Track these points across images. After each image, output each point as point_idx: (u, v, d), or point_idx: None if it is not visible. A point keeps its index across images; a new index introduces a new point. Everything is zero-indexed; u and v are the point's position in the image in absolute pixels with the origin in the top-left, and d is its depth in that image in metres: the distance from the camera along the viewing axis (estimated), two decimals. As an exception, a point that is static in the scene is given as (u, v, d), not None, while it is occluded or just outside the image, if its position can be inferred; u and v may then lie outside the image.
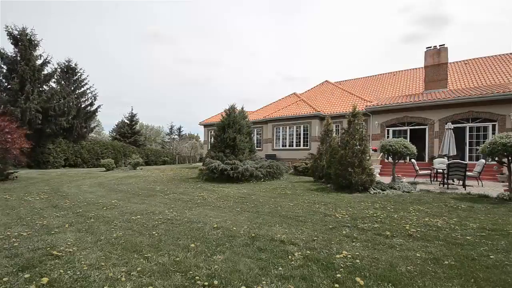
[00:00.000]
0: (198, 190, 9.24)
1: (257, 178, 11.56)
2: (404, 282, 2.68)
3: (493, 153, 7.29)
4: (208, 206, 6.48)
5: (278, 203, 6.69)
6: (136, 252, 3.47)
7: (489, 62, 18.27)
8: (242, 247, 3.65)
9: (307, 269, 2.95)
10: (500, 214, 5.49)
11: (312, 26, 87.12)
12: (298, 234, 4.22)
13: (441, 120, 13.88)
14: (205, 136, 25.31)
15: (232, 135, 12.61)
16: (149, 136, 56.16)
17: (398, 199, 7.19)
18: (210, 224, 4.78)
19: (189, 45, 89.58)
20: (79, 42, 71.78)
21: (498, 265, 3.05)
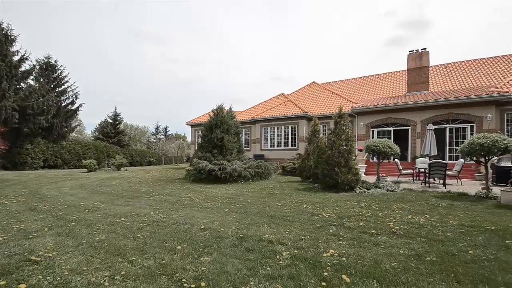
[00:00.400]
0: (185, 191, 9.10)
1: (245, 179, 11.54)
2: (388, 278, 2.75)
3: (471, 153, 7.63)
4: (195, 207, 6.39)
5: (266, 203, 6.70)
6: (120, 256, 3.36)
7: (468, 65, 19.16)
8: (230, 248, 3.62)
9: (294, 269, 2.97)
10: (478, 211, 5.75)
11: (300, 28, 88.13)
12: (286, 233, 4.24)
13: (423, 121, 14.40)
14: (192, 136, 25.00)
15: (220, 135, 12.53)
16: (133, 136, 54.82)
17: (383, 198, 7.38)
18: (198, 225, 4.71)
19: (176, 44, 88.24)
20: (59, 39, 69.05)
21: (476, 260, 3.19)
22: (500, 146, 7.08)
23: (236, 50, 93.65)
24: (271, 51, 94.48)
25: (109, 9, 71.19)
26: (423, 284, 2.62)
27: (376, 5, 78.94)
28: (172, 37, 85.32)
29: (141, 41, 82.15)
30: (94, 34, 71.98)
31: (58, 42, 67.60)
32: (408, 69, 17.64)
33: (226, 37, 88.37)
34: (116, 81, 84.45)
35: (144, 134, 59.02)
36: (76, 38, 71.49)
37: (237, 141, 13.52)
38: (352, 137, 9.28)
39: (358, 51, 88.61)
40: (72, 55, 69.39)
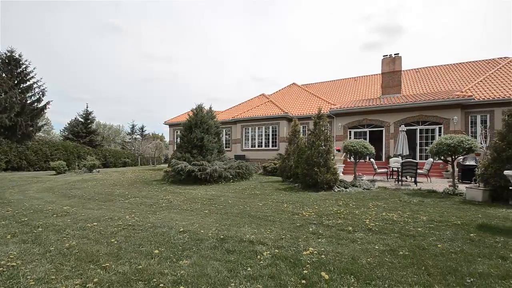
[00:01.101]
0: (163, 193, 8.83)
1: (226, 179, 11.44)
2: (365, 273, 2.84)
3: (439, 152, 8.15)
4: (174, 209, 6.21)
5: (247, 204, 6.68)
6: (92, 262, 3.18)
7: (437, 70, 20.47)
8: (210, 250, 3.56)
9: (275, 268, 2.98)
10: (446, 207, 6.14)
11: (280, 30, 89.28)
12: (267, 233, 4.25)
13: (395, 122, 15.15)
14: (171, 136, 24.32)
15: (200, 135, 12.30)
16: (107, 135, 52.35)
17: (359, 196, 7.65)
18: (176, 228, 4.58)
19: (153, 41, 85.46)
20: (24, 32, 64.20)
21: (444, 253, 3.39)
22: (465, 146, 7.63)
23: (217, 49, 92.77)
24: (251, 51, 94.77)
25: (82, 0, 67.42)
26: (397, 278, 2.74)
27: (352, 10, 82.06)
28: (149, 33, 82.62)
29: (117, 37, 78.74)
30: (64, 28, 67.88)
31: (23, 35, 62.88)
32: (382, 73, 18.50)
33: (206, 35, 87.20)
34: (89, 78, 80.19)
35: (119, 134, 56.52)
36: (44, 31, 66.95)
37: (218, 141, 13.37)
38: (331, 137, 9.54)
39: (336, 54, 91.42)
40: (40, 50, 64.94)
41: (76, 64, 75.78)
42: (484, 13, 69.56)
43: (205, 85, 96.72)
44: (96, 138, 36.64)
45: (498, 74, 15.83)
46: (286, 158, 12.22)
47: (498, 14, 70.21)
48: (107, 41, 76.75)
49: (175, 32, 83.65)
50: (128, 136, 52.83)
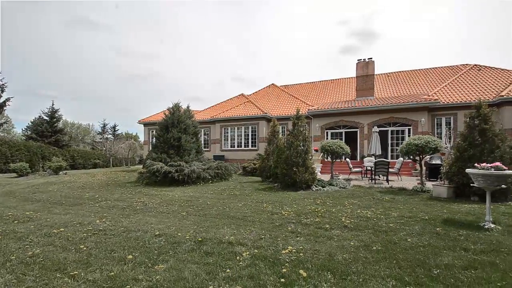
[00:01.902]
0: (138, 195, 8.47)
1: (205, 180, 11.25)
2: (341, 269, 2.92)
3: (408, 152, 8.65)
4: (149, 212, 5.98)
5: (227, 205, 6.61)
6: (59, 271, 2.96)
7: (407, 75, 21.74)
8: (187, 253, 3.46)
9: (254, 268, 2.96)
10: (415, 203, 6.52)
11: (261, 30, 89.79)
12: (246, 234, 4.23)
13: (369, 124, 15.86)
14: (146, 136, 23.42)
15: (177, 135, 11.97)
16: (75, 135, 49.29)
17: (336, 195, 7.89)
18: (152, 231, 4.41)
19: (127, 37, 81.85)
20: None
21: (413, 247, 3.59)
22: (431, 146, 8.17)
23: (195, 47, 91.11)
24: (231, 51, 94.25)
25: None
26: (371, 272, 2.85)
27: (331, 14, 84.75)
28: (123, 28, 79.07)
29: (86, 31, 74.40)
30: (32, 20, 62.90)
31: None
32: (356, 76, 19.30)
33: (184, 33, 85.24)
34: (56, 74, 75.00)
35: (88, 133, 53.38)
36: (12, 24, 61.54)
37: (196, 142, 13.10)
38: (309, 138, 9.74)
39: (315, 56, 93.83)
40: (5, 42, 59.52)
41: (42, 59, 70.57)
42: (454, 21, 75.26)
43: (183, 84, 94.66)
44: (63, 138, 34.27)
45: (460, 79, 17.16)
46: (266, 158, 12.29)
47: (466, 22, 76.24)
48: (78, 35, 72.31)
49: (152, 29, 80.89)
50: (98, 135, 50.13)
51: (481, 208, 5.64)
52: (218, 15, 77.91)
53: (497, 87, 15.06)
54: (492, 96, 14.10)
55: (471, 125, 7.22)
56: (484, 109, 7.08)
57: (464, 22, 75.82)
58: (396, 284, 2.59)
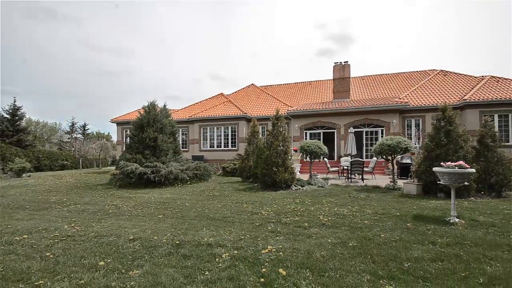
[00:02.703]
0: (110, 198, 8.06)
1: (183, 181, 10.98)
2: (319, 266, 2.98)
3: (381, 152, 9.07)
4: (123, 215, 5.71)
5: (206, 206, 6.50)
6: (22, 281, 2.73)
7: (380, 79, 22.83)
8: (164, 257, 3.34)
9: (234, 269, 2.93)
10: (387, 200, 6.85)
11: (241, 30, 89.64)
12: (226, 235, 4.17)
13: (345, 125, 16.44)
14: (119, 136, 22.37)
15: (153, 134, 11.56)
16: (40, 134, 45.86)
17: (314, 194, 8.07)
18: (126, 236, 4.20)
19: (99, 30, 77.79)
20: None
21: (386, 242, 3.75)
22: (402, 147, 8.64)
23: (173, 44, 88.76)
24: (210, 49, 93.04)
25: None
26: (347, 267, 2.94)
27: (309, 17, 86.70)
28: (92, 22, 75.04)
29: (53, 22, 69.67)
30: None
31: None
32: (333, 78, 19.91)
33: (162, 29, 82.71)
34: (17, 68, 69.39)
35: (55, 133, 49.84)
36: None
37: (173, 142, 12.74)
38: (288, 138, 9.87)
39: (294, 58, 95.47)
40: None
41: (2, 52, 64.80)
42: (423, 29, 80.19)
43: (159, 82, 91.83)
44: (27, 138, 31.64)
45: (428, 84, 18.33)
46: (246, 158, 12.27)
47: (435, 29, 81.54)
48: (43, 27, 67.43)
49: (126, 23, 77.62)
50: (67, 135, 47.07)
51: (447, 204, 6.05)
52: (198, 14, 76.63)
53: (460, 91, 16.29)
54: (456, 100, 15.23)
55: (437, 126, 7.73)
56: (449, 112, 7.62)
57: (433, 29, 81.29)
58: (370, 279, 2.69)
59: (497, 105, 14.08)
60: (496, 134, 7.88)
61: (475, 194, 7.06)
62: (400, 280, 2.65)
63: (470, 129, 13.39)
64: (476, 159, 7.47)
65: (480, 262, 3.03)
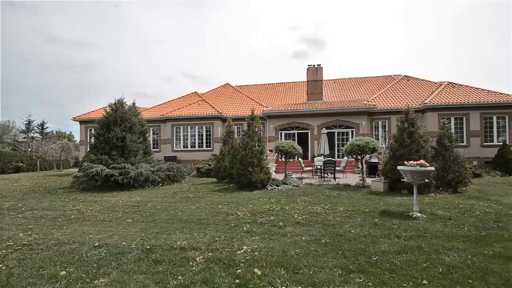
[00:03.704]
0: (72, 202, 7.47)
1: (154, 183, 10.53)
2: (293, 264, 3.02)
3: (351, 152, 9.50)
4: (87, 221, 5.32)
5: (179, 208, 6.29)
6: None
7: (351, 82, 23.91)
8: (134, 263, 3.16)
9: (209, 272, 2.86)
10: (357, 198, 7.17)
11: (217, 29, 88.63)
12: (200, 237, 4.07)
13: (318, 126, 16.97)
14: (82, 136, 20.87)
15: (120, 134, 10.91)
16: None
17: (289, 193, 8.20)
18: (90, 242, 3.91)
19: (59, 21, 72.01)
20: None
21: (356, 237, 3.92)
22: (370, 147, 9.11)
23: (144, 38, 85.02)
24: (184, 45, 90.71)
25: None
26: (320, 264, 3.02)
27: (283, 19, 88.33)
28: (54, 11, 69.37)
29: (8, 9, 63.20)
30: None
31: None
32: (307, 80, 20.48)
33: (131, 22, 78.72)
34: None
35: (9, 132, 45.17)
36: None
37: (144, 142, 12.14)
38: (264, 138, 9.93)
39: (269, 59, 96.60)
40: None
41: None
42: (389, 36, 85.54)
43: (127, 79, 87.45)
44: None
45: (393, 88, 19.58)
46: (221, 158, 12.12)
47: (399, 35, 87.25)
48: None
49: (92, 14, 72.77)
50: (22, 134, 42.90)
51: (410, 199, 6.49)
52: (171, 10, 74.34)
53: (422, 95, 17.62)
54: (418, 104, 16.45)
55: (401, 128, 8.28)
56: (412, 114, 8.21)
57: (398, 35, 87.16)
58: (342, 273, 2.79)
59: (454, 109, 15.48)
60: (453, 135, 8.66)
61: (434, 190, 7.67)
62: (369, 273, 2.77)
63: (430, 130, 14.55)
64: (435, 158, 8.12)
65: (439, 253, 3.29)
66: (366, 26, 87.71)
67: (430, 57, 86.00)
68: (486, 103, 15.00)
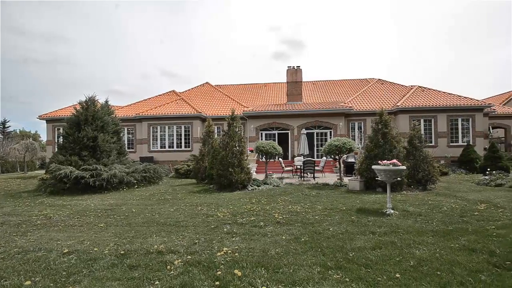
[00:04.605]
0: (39, 207, 6.96)
1: (130, 185, 10.10)
2: (274, 263, 3.03)
3: (330, 152, 9.77)
4: (55, 226, 4.97)
5: (156, 211, 6.08)
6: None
7: (329, 84, 24.64)
8: (107, 269, 2.99)
9: (187, 275, 2.78)
10: (335, 196, 7.38)
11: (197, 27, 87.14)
12: (178, 240, 3.95)
13: (298, 126, 17.28)
14: (49, 135, 19.50)
15: (92, 133, 10.32)
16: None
17: (270, 193, 8.25)
18: (58, 249, 3.66)
19: (25, 10, 66.93)
20: None
21: (334, 235, 4.02)
22: (347, 147, 9.44)
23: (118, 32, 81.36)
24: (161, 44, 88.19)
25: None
26: (300, 262, 3.05)
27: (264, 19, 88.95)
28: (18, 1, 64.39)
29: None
30: None
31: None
32: (287, 82, 20.78)
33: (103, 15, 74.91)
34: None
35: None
36: None
37: (118, 142, 11.61)
38: (244, 138, 9.90)
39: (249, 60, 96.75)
40: None
41: None
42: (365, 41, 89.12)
43: (100, 75, 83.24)
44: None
45: (368, 91, 20.42)
46: (200, 159, 11.92)
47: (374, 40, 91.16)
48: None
49: (61, 5, 68.35)
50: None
51: (384, 197, 6.79)
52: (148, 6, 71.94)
53: (394, 98, 18.55)
54: (391, 106, 17.30)
55: (376, 129, 8.66)
56: (385, 116, 8.62)
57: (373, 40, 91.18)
58: (320, 270, 2.84)
59: (423, 111, 16.48)
60: (422, 136, 9.21)
61: (406, 188, 8.10)
62: (346, 269, 2.85)
63: (402, 131, 15.31)
64: (406, 157, 8.58)
65: (411, 247, 3.46)
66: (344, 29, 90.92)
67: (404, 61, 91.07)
68: (452, 106, 16.15)
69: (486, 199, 6.53)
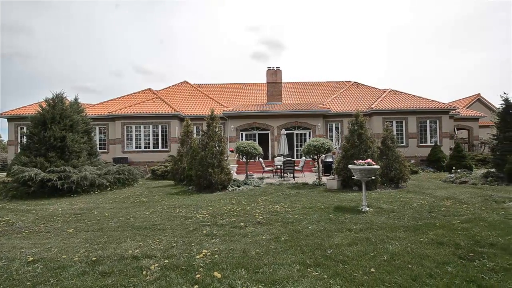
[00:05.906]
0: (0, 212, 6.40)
1: (102, 188, 9.58)
2: (254, 264, 3.02)
3: (309, 152, 9.97)
4: (18, 233, 4.58)
5: (131, 214, 5.82)
6: None
7: (308, 85, 25.12)
8: (76, 277, 2.80)
9: (165, 280, 2.68)
10: (314, 195, 7.54)
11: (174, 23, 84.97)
12: (155, 244, 3.80)
13: (278, 127, 17.46)
14: (11, 135, 18.01)
15: (60, 133, 9.65)
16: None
17: (250, 193, 8.24)
18: (22, 258, 3.37)
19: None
20: None
21: (313, 233, 4.10)
22: (325, 147, 9.69)
23: (88, 25, 77.00)
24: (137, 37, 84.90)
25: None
26: (280, 261, 3.07)
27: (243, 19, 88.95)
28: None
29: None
30: None
31: None
32: (267, 82, 20.93)
33: (73, 8, 70.40)
34: None
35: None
36: None
37: (88, 142, 10.97)
38: (224, 138, 9.81)
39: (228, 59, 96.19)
40: None
41: None
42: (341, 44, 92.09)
43: (69, 71, 78.31)
44: None
45: (345, 93, 21.16)
46: (179, 160, 11.63)
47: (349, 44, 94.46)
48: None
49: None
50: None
51: (360, 195, 7.04)
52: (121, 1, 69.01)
53: (369, 101, 19.38)
54: (366, 108, 18.04)
55: (352, 130, 8.98)
56: (361, 118, 8.97)
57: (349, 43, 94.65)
58: (300, 268, 2.87)
59: (395, 113, 17.37)
60: (394, 137, 9.70)
61: (380, 186, 8.48)
62: (324, 266, 2.91)
63: (376, 132, 16.07)
64: (380, 157, 8.98)
65: (384, 242, 3.62)
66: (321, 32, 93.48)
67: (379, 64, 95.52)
68: (421, 109, 17.20)
69: (452, 195, 7.01)
